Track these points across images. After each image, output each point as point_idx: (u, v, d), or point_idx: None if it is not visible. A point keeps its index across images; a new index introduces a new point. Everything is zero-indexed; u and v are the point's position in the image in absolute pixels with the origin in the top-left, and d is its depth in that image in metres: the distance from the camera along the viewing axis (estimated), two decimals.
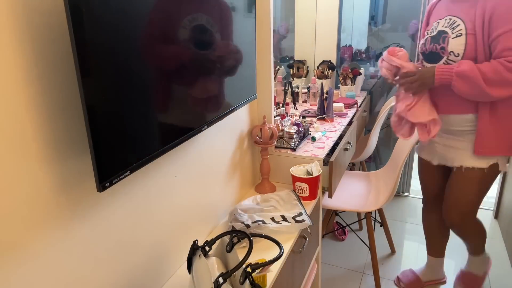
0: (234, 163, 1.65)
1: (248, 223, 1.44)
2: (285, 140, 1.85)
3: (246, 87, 1.50)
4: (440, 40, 1.54)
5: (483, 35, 1.44)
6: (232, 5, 1.29)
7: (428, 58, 1.62)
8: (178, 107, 1.07)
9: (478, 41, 1.45)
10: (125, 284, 1.08)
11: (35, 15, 0.75)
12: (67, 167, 0.86)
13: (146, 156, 0.96)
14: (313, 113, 2.31)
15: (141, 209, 1.11)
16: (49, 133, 0.81)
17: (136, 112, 0.91)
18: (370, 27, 3.42)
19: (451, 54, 1.51)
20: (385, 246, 2.46)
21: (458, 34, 1.49)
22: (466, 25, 1.48)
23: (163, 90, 1.00)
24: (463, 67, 1.43)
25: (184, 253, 1.35)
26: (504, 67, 1.38)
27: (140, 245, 1.13)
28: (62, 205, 0.86)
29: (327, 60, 2.73)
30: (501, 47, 1.40)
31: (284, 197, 1.65)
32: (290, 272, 1.46)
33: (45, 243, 0.83)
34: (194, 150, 1.35)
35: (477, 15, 1.44)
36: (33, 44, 0.75)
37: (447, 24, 1.54)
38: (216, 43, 1.20)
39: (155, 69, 0.95)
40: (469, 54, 1.47)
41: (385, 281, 2.19)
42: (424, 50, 1.63)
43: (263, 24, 1.63)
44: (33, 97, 0.77)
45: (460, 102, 1.56)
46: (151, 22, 0.92)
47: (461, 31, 1.48)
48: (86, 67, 0.75)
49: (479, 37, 1.44)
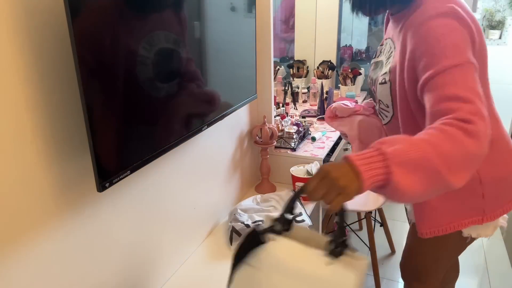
0: (234, 163, 1.65)
1: (248, 223, 1.44)
2: (285, 140, 1.84)
3: (246, 87, 1.50)
4: (374, 79, 1.12)
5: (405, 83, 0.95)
6: (232, 5, 1.29)
7: (371, 95, 1.24)
8: (178, 107, 1.07)
9: (399, 90, 0.98)
10: (124, 284, 1.08)
11: (35, 15, 0.75)
12: (67, 167, 0.86)
13: (146, 156, 0.96)
14: (313, 113, 2.31)
15: (141, 209, 1.11)
16: (49, 133, 0.81)
17: (136, 112, 0.91)
18: (370, 27, 3.42)
19: (381, 103, 1.09)
20: (385, 246, 2.45)
21: (383, 80, 1.04)
22: (392, 63, 1.02)
23: (163, 90, 1.00)
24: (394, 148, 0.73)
25: (184, 253, 1.35)
26: (463, 131, 0.75)
27: (140, 245, 1.13)
28: (62, 205, 0.86)
29: (327, 60, 2.73)
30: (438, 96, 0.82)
31: (284, 197, 1.65)
32: None
33: (45, 242, 0.83)
34: (194, 150, 1.35)
35: (399, 53, 0.97)
36: (33, 44, 0.75)
37: (387, 52, 1.08)
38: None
39: (155, 69, 0.95)
40: (399, 105, 1.01)
41: (385, 281, 2.19)
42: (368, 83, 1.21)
43: (263, 24, 1.63)
44: (33, 97, 0.77)
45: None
46: (152, 22, 0.92)
47: (385, 75, 1.03)
48: (86, 67, 0.75)
49: (400, 86, 0.97)
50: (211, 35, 1.19)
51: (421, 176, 0.73)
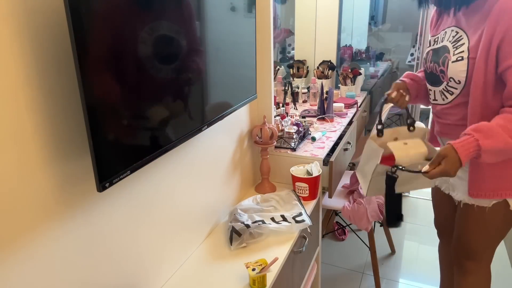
0: (234, 163, 1.65)
1: (248, 223, 1.44)
2: (285, 140, 1.85)
3: (246, 87, 1.50)
4: (440, 61, 1.28)
5: (487, 61, 1.15)
6: (232, 5, 1.29)
7: (429, 78, 1.37)
8: (178, 107, 1.07)
9: (479, 67, 1.16)
10: (124, 283, 1.08)
11: (35, 15, 0.75)
12: (67, 167, 0.86)
13: (146, 156, 0.96)
14: (313, 113, 2.31)
15: (141, 209, 1.11)
16: (49, 133, 0.81)
17: (136, 112, 0.91)
18: (370, 27, 3.42)
19: (451, 81, 1.25)
20: (385, 246, 2.45)
21: (459, 57, 1.21)
22: (470, 43, 1.20)
23: (163, 90, 1.00)
24: (487, 142, 1.09)
25: (184, 253, 1.35)
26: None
27: (140, 244, 1.13)
28: (62, 204, 0.86)
29: (327, 60, 2.73)
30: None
31: (284, 197, 1.65)
32: (290, 272, 1.46)
33: (45, 242, 0.83)
34: (194, 150, 1.35)
35: (485, 35, 1.14)
36: (33, 44, 0.75)
37: (452, 38, 1.26)
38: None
39: (155, 69, 0.95)
40: (474, 81, 1.18)
41: (385, 281, 2.19)
42: (425, 68, 1.38)
43: (263, 24, 1.63)
44: (33, 97, 0.77)
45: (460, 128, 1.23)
46: (153, 24, 0.92)
47: (463, 53, 1.21)
48: (86, 67, 0.75)
49: (481, 63, 1.16)
50: (211, 35, 1.19)
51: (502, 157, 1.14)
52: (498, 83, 1.16)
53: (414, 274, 2.25)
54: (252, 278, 1.19)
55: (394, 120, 4.03)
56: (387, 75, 3.45)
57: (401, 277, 2.23)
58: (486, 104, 1.18)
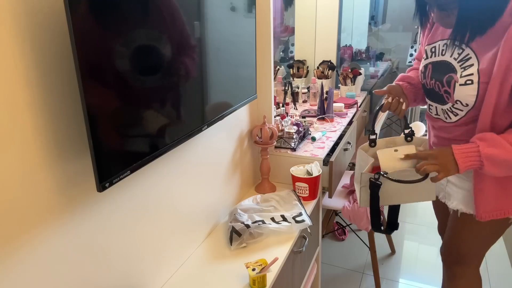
0: (234, 163, 1.65)
1: (248, 223, 1.44)
2: (285, 140, 1.85)
3: (246, 87, 1.50)
4: (444, 81, 1.19)
5: (502, 85, 1.07)
6: (232, 5, 1.29)
7: (430, 95, 1.29)
8: (178, 107, 1.07)
9: (492, 91, 1.08)
10: (124, 283, 1.08)
11: (36, 15, 0.75)
12: (67, 167, 0.86)
13: (146, 156, 0.96)
14: (313, 113, 2.31)
15: (141, 208, 1.11)
16: (49, 133, 0.81)
17: (136, 112, 0.91)
18: (370, 27, 3.42)
19: (457, 103, 1.18)
20: (385, 246, 2.46)
21: (468, 81, 1.13)
22: (480, 65, 1.11)
23: (163, 90, 1.00)
24: (489, 150, 1.07)
25: (184, 253, 1.35)
26: None
27: (140, 244, 1.13)
28: (62, 204, 0.86)
29: (327, 60, 2.73)
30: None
31: (284, 197, 1.65)
32: (290, 272, 1.46)
33: (44, 242, 0.83)
34: (194, 150, 1.35)
35: (500, 58, 1.05)
36: (33, 44, 0.75)
37: (457, 55, 1.16)
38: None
39: (155, 70, 0.95)
40: (485, 105, 1.11)
41: (385, 281, 2.19)
42: (424, 83, 1.29)
43: (263, 24, 1.63)
44: (33, 97, 0.77)
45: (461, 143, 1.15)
46: (153, 22, 0.92)
47: (472, 76, 1.12)
48: (86, 67, 0.75)
49: (495, 88, 1.08)
50: (211, 35, 1.19)
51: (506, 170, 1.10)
52: (509, 104, 1.10)
53: (414, 274, 2.25)
54: (252, 278, 1.19)
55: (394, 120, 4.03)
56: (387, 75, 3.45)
57: (401, 277, 2.23)
58: (494, 123, 1.13)
